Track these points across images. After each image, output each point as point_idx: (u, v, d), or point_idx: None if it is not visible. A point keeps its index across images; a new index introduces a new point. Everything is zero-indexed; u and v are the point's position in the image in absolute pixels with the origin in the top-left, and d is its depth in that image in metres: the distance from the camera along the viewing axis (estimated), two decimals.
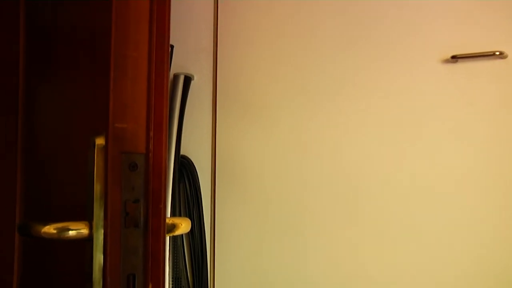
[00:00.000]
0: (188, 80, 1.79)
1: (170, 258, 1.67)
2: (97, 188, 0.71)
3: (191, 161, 1.78)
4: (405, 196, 1.54)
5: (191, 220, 1.70)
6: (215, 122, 1.78)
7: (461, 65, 1.50)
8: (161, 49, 0.75)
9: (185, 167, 1.76)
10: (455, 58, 1.49)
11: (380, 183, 1.57)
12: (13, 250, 1.06)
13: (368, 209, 1.58)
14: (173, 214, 1.69)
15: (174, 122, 1.71)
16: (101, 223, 0.70)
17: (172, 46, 1.79)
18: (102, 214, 0.70)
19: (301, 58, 1.70)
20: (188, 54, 1.83)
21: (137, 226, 0.69)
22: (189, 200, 1.75)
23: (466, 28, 1.50)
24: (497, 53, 1.44)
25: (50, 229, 0.69)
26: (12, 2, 1.09)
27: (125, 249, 0.69)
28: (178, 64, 1.82)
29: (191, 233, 1.73)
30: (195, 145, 1.80)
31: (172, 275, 1.69)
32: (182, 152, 1.76)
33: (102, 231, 0.70)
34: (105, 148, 0.70)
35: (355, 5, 1.64)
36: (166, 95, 0.75)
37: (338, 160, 1.63)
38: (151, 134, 0.71)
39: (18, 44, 1.08)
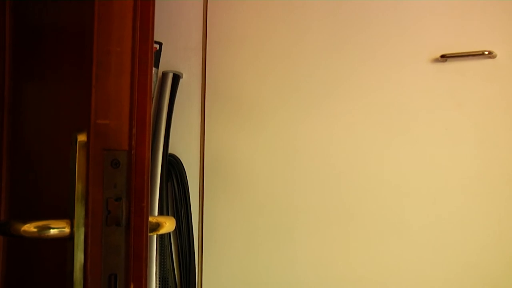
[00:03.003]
0: (176, 78, 1.77)
1: (157, 257, 1.66)
2: (79, 185, 0.69)
3: (180, 159, 1.77)
4: (395, 196, 1.54)
5: (179, 219, 1.70)
6: (204, 120, 1.77)
7: (450, 65, 1.50)
8: (145, 45, 0.74)
9: (173, 166, 1.75)
10: (444, 57, 1.49)
11: (371, 183, 1.57)
12: None
13: (359, 209, 1.58)
14: (161, 213, 1.68)
15: (162, 120, 1.70)
16: (83, 221, 0.68)
17: (160, 44, 1.78)
18: (83, 212, 0.69)
19: (291, 58, 1.69)
20: (177, 52, 1.82)
21: (119, 225, 0.68)
22: (177, 199, 1.74)
23: (456, 27, 1.50)
24: (486, 52, 1.44)
25: (30, 227, 0.68)
26: None
27: (106, 248, 0.68)
28: (167, 62, 1.80)
29: (178, 232, 1.72)
30: (183, 144, 1.79)
31: (159, 275, 1.67)
32: (170, 150, 1.75)
33: (84, 229, 0.68)
34: (87, 144, 0.69)
35: (346, 5, 1.63)
36: (149, 91, 0.74)
37: (329, 160, 1.62)
38: (134, 131, 0.70)
39: (4, 42, 1.07)
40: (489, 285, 1.43)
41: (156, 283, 1.65)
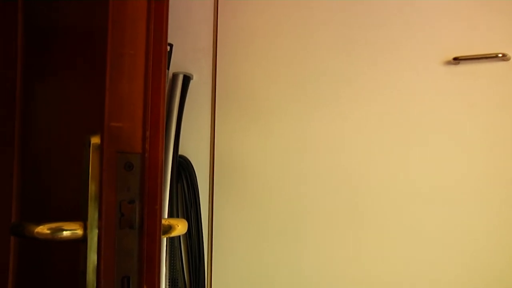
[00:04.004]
0: (187, 79, 1.78)
1: (167, 259, 1.66)
2: (92, 188, 0.69)
3: (190, 161, 1.76)
4: (405, 197, 1.53)
5: (188, 221, 1.70)
6: (214, 122, 1.77)
7: (463, 67, 1.49)
8: (158, 47, 0.74)
9: (183, 167, 1.75)
10: (457, 60, 1.47)
11: (380, 184, 1.56)
12: (9, 250, 1.05)
13: (368, 210, 1.57)
14: (171, 215, 1.68)
15: (172, 121, 1.70)
16: (96, 223, 0.68)
17: (171, 45, 1.78)
18: (96, 214, 0.69)
19: (301, 59, 1.68)
20: (187, 53, 1.82)
21: (132, 227, 0.68)
22: (187, 201, 1.74)
23: (469, 29, 1.49)
24: (500, 55, 1.43)
25: (43, 229, 0.68)
26: (10, 2, 1.08)
27: (119, 250, 0.67)
28: (177, 64, 1.80)
29: (188, 234, 1.72)
30: (193, 145, 1.79)
31: (169, 276, 1.67)
32: (180, 152, 1.75)
33: (97, 232, 0.68)
34: (101, 147, 0.69)
35: (356, 5, 1.63)
36: (163, 94, 0.74)
37: (338, 161, 1.62)
38: (148, 133, 0.70)
39: (16, 44, 1.08)
40: (501, 287, 1.42)
41: (166, 284, 1.65)
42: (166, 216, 1.63)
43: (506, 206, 1.43)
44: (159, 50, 0.73)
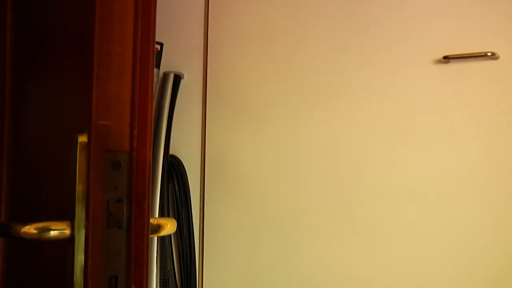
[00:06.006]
0: (178, 79, 1.77)
1: (158, 259, 1.65)
2: (79, 187, 0.69)
3: (181, 161, 1.76)
4: (399, 197, 1.53)
5: (179, 221, 1.69)
6: (205, 121, 1.77)
7: (453, 66, 1.49)
8: (146, 45, 0.73)
9: (174, 167, 1.75)
10: (447, 58, 1.48)
11: (374, 184, 1.56)
12: None
13: (362, 210, 1.57)
14: (162, 214, 1.67)
15: (163, 121, 1.70)
16: (83, 223, 0.68)
17: (161, 44, 1.78)
18: (84, 214, 0.68)
19: (293, 58, 1.68)
20: (178, 53, 1.82)
21: (120, 227, 0.67)
22: (178, 201, 1.73)
23: (459, 28, 1.50)
24: (489, 53, 1.43)
25: (30, 229, 0.67)
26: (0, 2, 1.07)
27: (107, 250, 0.67)
28: (168, 63, 1.80)
29: (179, 234, 1.71)
30: (184, 145, 1.78)
31: (160, 277, 1.67)
32: (171, 151, 1.74)
33: (84, 231, 0.68)
34: (88, 146, 0.68)
35: (349, 6, 1.63)
36: (151, 92, 0.73)
37: (332, 161, 1.62)
38: (135, 132, 0.70)
39: (5, 42, 1.07)
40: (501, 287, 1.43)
41: (156, 284, 1.64)
42: (157, 216, 1.62)
43: (501, 204, 1.43)
44: (146, 48, 0.73)
